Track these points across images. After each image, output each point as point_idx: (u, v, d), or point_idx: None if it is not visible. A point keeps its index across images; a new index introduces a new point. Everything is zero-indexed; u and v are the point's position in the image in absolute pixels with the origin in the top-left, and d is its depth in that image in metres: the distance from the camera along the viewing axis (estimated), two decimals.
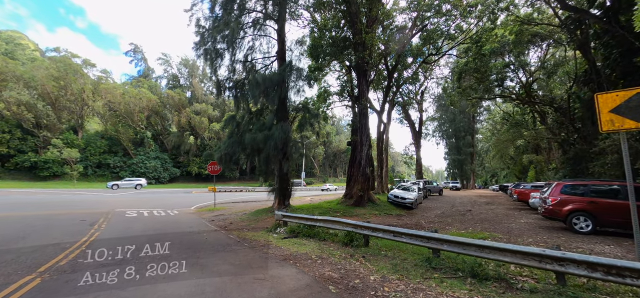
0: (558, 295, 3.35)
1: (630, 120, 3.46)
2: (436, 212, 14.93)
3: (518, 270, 4.34)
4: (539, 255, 3.60)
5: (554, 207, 8.06)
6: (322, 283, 3.89)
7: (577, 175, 17.18)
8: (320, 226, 7.49)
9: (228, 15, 14.55)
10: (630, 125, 3.49)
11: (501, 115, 42.23)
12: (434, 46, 25.69)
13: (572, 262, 3.38)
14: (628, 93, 3.53)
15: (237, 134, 14.46)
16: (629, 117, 3.48)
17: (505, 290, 3.63)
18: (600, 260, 3.18)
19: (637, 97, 3.43)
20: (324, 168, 75.77)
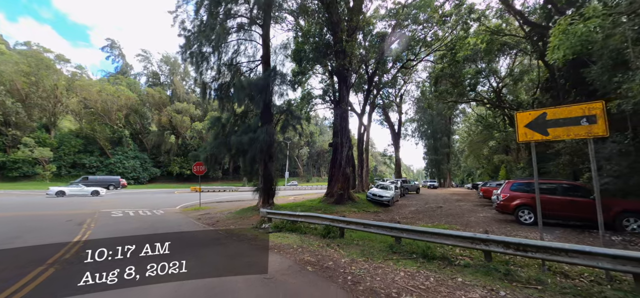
0: (483, 268, 4.37)
1: (537, 134, 4.55)
2: (411, 208, 16.13)
3: (459, 252, 5.37)
4: (471, 238, 4.62)
5: (504, 202, 9.36)
6: (302, 265, 4.71)
7: (540, 174, 19.03)
8: (302, 221, 8.31)
9: (214, 19, 15.00)
10: (537, 137, 4.58)
11: (475, 118, 44.83)
12: (412, 52, 27.30)
13: (493, 242, 4.41)
14: (535, 113, 4.62)
15: (222, 135, 14.97)
16: (536, 131, 4.56)
17: (446, 266, 4.61)
18: (511, 240, 4.22)
19: (542, 117, 4.51)
20: (308, 168, 76.55)
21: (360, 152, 25.46)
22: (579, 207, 8.47)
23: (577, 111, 4.20)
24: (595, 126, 4.06)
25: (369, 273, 4.32)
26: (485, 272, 4.26)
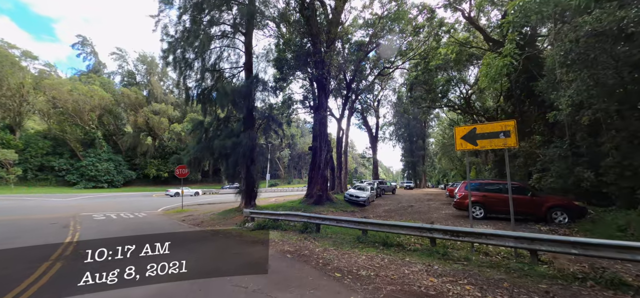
0: (428, 251, 5.49)
1: (469, 144, 5.77)
2: (385, 208, 17.42)
3: (413, 240, 6.50)
4: (419, 228, 5.74)
5: (460, 200, 10.76)
6: (282, 254, 5.61)
7: (501, 175, 21.03)
8: (283, 219, 9.18)
9: (197, 26, 15.50)
10: (469, 147, 5.80)
11: (448, 122, 47.66)
12: (388, 60, 29.05)
13: (436, 231, 5.55)
14: (468, 128, 5.85)
15: (205, 139, 15.48)
16: (469, 142, 5.78)
17: (400, 251, 5.70)
18: (448, 228, 5.37)
19: (473, 131, 5.73)
20: (289, 170, 77.06)
21: (339, 154, 26.65)
22: (519, 203, 9.98)
23: (497, 127, 5.44)
24: (509, 139, 5.31)
25: (337, 258, 5.30)
26: (429, 253, 5.37)
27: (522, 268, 4.48)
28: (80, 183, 40.19)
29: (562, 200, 9.71)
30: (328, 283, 4.08)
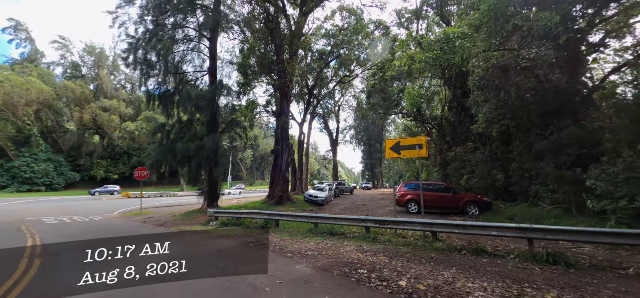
0: (363, 237, 7.04)
1: (395, 154, 7.48)
2: (341, 206, 19.11)
3: (355, 230, 8.05)
4: (357, 220, 7.28)
5: (399, 198, 12.76)
6: (245, 244, 6.72)
7: (444, 177, 24.07)
8: (246, 217, 10.19)
9: (161, 30, 15.66)
10: (395, 156, 7.52)
11: (403, 127, 51.78)
12: (348, 69, 31.22)
13: (369, 221, 7.13)
14: (395, 141, 7.57)
15: (167, 142, 15.65)
16: (395, 152, 7.50)
17: (342, 238, 7.17)
18: (377, 218, 6.97)
19: (398, 143, 7.46)
20: (252, 172, 76.32)
21: (301, 157, 27.97)
22: (444, 200, 12.25)
23: (414, 141, 7.21)
24: (422, 151, 7.10)
25: (291, 244, 6.58)
26: (363, 239, 6.92)
27: (424, 245, 6.21)
28: (11, 187, 35.98)
29: (474, 196, 12.16)
30: (282, 260, 5.34)
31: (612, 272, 4.68)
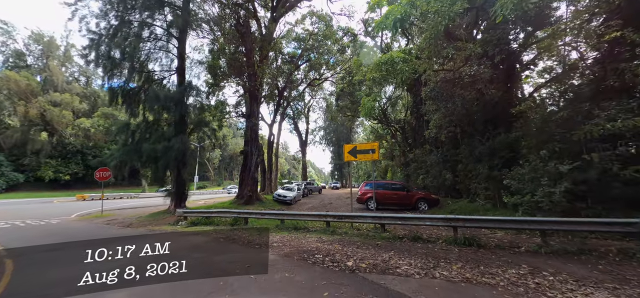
0: (324, 231, 8.00)
1: (352, 157, 8.56)
2: (308, 205, 20.02)
3: (317, 225, 9.00)
4: (319, 215, 8.23)
5: (360, 196, 14.01)
6: (216, 240, 7.33)
7: (407, 175, 26.00)
8: (215, 216, 10.67)
9: (127, 27, 15.35)
10: (352, 159, 8.59)
11: (370, 129, 54.17)
12: (318, 72, 32.25)
13: (329, 216, 8.11)
14: (352, 146, 8.66)
15: (132, 142, 15.37)
16: (352, 155, 8.58)
17: (305, 232, 8.07)
18: (335, 214, 7.97)
19: (355, 148, 8.55)
20: (219, 172, 74.49)
21: (270, 157, 28.44)
22: (399, 197, 13.71)
23: (368, 146, 8.34)
24: (374, 155, 8.25)
25: (258, 238, 7.32)
26: (323, 232, 7.89)
27: (374, 235, 7.33)
28: None
29: (425, 194, 13.78)
30: (250, 250, 6.09)
31: (510, 249, 6.11)
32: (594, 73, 9.73)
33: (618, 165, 7.25)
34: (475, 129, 14.85)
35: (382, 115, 37.26)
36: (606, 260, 5.27)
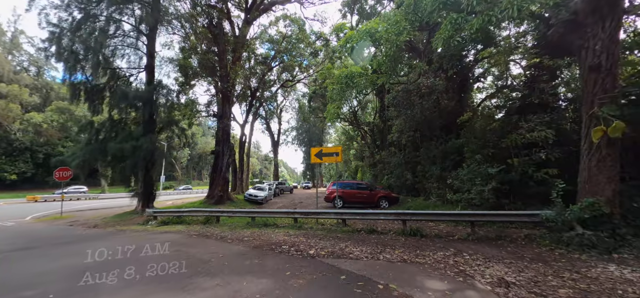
0: (292, 226, 8.78)
1: (318, 159, 9.46)
2: (279, 204, 20.61)
3: (285, 221, 9.76)
4: (287, 212, 9.00)
5: (328, 195, 14.98)
6: (190, 235, 7.81)
7: (375, 176, 27.47)
8: (187, 215, 10.98)
9: (92, 20, 14.90)
10: (319, 161, 9.50)
11: (342, 130, 55.77)
12: (291, 74, 32.85)
13: (297, 213, 8.91)
14: (318, 149, 9.56)
15: (96, 141, 14.94)
16: (319, 158, 9.48)
17: (275, 228, 8.80)
18: (302, 211, 8.80)
19: (321, 151, 9.45)
20: (187, 171, 71.94)
21: (241, 157, 28.56)
22: (365, 196, 14.89)
23: (333, 150, 9.28)
24: (338, 157, 9.22)
25: (231, 234, 7.93)
26: (291, 227, 8.67)
27: (336, 229, 8.27)
28: None
29: (386, 192, 15.10)
30: (223, 244, 6.71)
31: (446, 238, 7.35)
32: (522, 91, 11.57)
33: (533, 168, 8.91)
34: (433, 133, 16.48)
35: (353, 118, 38.82)
36: (515, 244, 6.66)
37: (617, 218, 6.67)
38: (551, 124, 9.18)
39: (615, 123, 6.29)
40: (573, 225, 6.67)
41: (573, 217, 6.59)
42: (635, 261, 5.32)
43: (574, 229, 6.64)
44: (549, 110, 9.83)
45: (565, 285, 4.11)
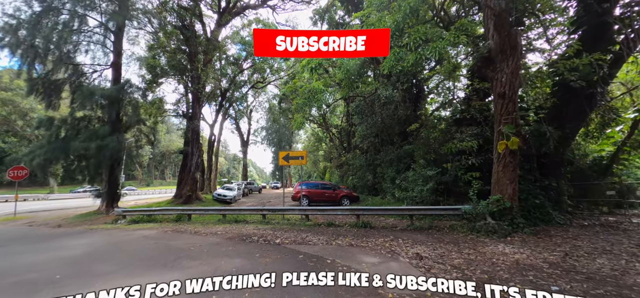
0: (261, 222, 9.81)
1: (285, 162, 10.61)
2: (248, 204, 21.24)
3: (254, 217, 10.75)
4: (256, 209, 10.02)
5: (294, 194, 16.16)
6: (164, 231, 8.50)
7: (341, 177, 28.98)
8: (158, 214, 11.46)
9: (54, 13, 14.51)
10: (286, 163, 10.64)
11: (311, 132, 57.14)
12: (262, 75, 33.43)
13: (266, 210, 9.96)
14: (286, 152, 10.71)
15: (57, 138, 14.55)
16: (286, 160, 10.62)
17: (245, 224, 9.76)
18: (271, 208, 9.88)
19: (288, 154, 10.61)
20: (149, 170, 68.48)
21: (210, 157, 28.61)
22: (327, 195, 16.29)
23: (298, 153, 10.47)
24: (303, 160, 10.44)
25: (203, 229, 8.76)
26: (260, 222, 9.71)
27: (300, 224, 9.47)
28: None
29: (348, 192, 16.66)
30: (198, 237, 7.57)
31: (391, 229, 8.90)
32: (461, 106, 13.73)
33: (462, 171, 10.89)
34: (391, 139, 18.36)
35: (322, 120, 40.30)
36: (441, 232, 8.39)
37: (516, 211, 8.68)
38: (477, 136, 11.26)
39: (512, 138, 8.28)
40: (485, 216, 8.56)
41: (484, 210, 8.47)
42: (519, 242, 7.21)
43: (485, 219, 8.53)
44: (478, 124, 11.96)
45: (460, 257, 5.73)
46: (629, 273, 4.39)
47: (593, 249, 5.99)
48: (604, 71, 9.19)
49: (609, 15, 9.54)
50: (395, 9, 8.66)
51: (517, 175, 8.87)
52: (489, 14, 8.46)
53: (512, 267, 4.92)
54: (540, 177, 10.44)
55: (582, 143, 13.19)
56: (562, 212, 9.92)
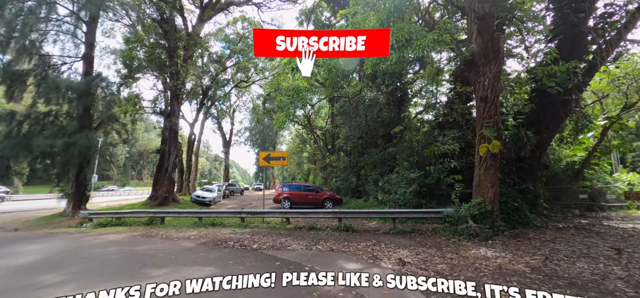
0: (239, 225, 9.36)
1: (266, 162, 10.23)
2: (228, 206, 20.59)
3: (232, 220, 10.28)
4: (234, 212, 9.56)
5: (276, 196, 15.74)
6: (134, 236, 7.88)
7: (325, 179, 28.71)
8: (128, 217, 10.72)
9: (21, 1, 13.44)
10: (266, 164, 10.27)
11: (296, 133, 56.67)
12: (246, 75, 32.71)
13: (244, 213, 9.53)
14: (266, 153, 10.34)
15: (18, 134, 13.40)
16: (267, 161, 10.25)
17: (222, 227, 9.27)
18: (249, 210, 9.46)
19: (269, 155, 10.24)
20: (125, 170, 65.49)
21: (189, 157, 27.60)
22: (310, 197, 15.98)
23: (280, 154, 10.13)
24: (284, 161, 10.10)
25: (176, 234, 8.21)
26: (238, 226, 9.26)
27: (280, 227, 9.11)
28: None
29: (330, 194, 16.43)
30: (168, 242, 7.04)
31: (373, 232, 8.72)
32: (444, 109, 13.87)
33: (444, 174, 10.93)
34: (375, 141, 18.33)
35: (307, 122, 40.01)
36: (423, 235, 8.29)
37: (497, 214, 8.72)
38: (459, 139, 11.35)
39: (493, 142, 8.33)
40: (466, 219, 8.54)
41: (466, 213, 8.45)
42: (500, 245, 7.19)
43: (467, 223, 8.51)
44: (460, 128, 12.08)
45: (443, 262, 5.59)
46: (609, 277, 4.38)
47: (571, 252, 6.03)
48: (578, 79, 9.48)
49: (583, 25, 9.88)
50: (379, 8, 8.54)
51: (497, 178, 8.93)
52: (473, 18, 8.50)
53: (496, 273, 4.81)
54: (518, 181, 10.61)
55: (556, 148, 13.65)
56: (539, 214, 10.12)
